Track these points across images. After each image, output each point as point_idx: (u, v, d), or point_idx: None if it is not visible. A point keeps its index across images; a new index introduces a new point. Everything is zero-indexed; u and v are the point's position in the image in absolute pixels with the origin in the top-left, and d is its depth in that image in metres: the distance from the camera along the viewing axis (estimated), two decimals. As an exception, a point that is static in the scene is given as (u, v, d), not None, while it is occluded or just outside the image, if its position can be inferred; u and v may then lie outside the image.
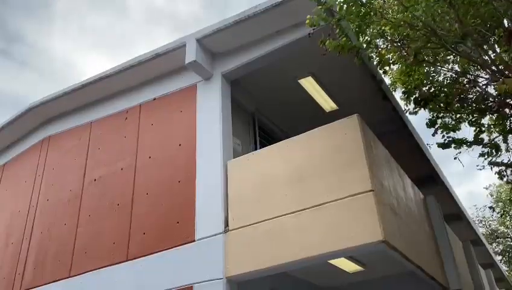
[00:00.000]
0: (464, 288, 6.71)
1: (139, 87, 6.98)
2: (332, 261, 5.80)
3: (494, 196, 20.92)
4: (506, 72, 5.20)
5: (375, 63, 6.08)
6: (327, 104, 7.36)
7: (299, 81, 6.79)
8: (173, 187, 5.82)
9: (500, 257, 20.13)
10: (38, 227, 7.14)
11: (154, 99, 6.72)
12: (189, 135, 6.00)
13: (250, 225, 5.02)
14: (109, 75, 6.93)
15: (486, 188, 25.21)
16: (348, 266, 6.18)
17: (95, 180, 6.78)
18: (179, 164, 5.92)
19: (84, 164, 7.10)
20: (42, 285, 6.47)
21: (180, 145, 6.04)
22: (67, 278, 6.21)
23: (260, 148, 6.69)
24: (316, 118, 6.14)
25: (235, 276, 4.88)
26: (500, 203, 19.70)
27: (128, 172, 6.39)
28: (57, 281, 6.32)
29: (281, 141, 5.48)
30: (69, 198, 6.96)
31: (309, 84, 6.90)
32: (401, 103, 7.54)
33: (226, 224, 5.18)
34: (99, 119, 7.35)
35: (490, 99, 6.27)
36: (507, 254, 20.46)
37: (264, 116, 7.56)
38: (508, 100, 6.01)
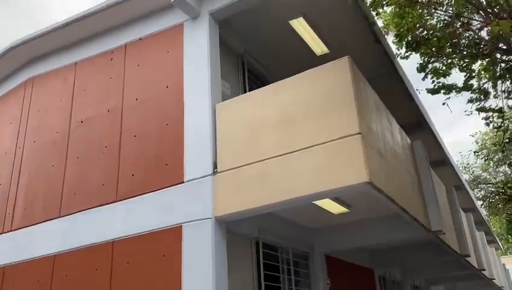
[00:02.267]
0: (445, 229, 6.94)
1: (124, 26, 6.74)
2: (319, 203, 5.92)
3: (480, 143, 21.30)
4: (502, 14, 5.10)
5: (368, 4, 5.92)
6: (318, 47, 7.21)
7: (290, 22, 6.60)
8: (161, 130, 5.78)
9: (481, 202, 20.78)
10: (26, 168, 7.13)
11: (140, 39, 6.51)
12: (176, 76, 5.88)
13: (238, 167, 5.06)
14: (93, 13, 6.67)
15: (473, 136, 25.60)
16: (333, 207, 6.32)
17: (81, 122, 6.70)
18: (167, 106, 5.85)
19: (69, 105, 6.98)
20: (33, 225, 6.56)
21: (167, 87, 5.94)
22: (58, 218, 6.30)
23: (249, 92, 6.60)
24: (307, 61, 6.02)
25: (224, 216, 4.98)
26: (484, 151, 20.08)
27: (115, 114, 6.31)
28: (47, 221, 6.40)
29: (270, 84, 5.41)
30: (55, 140, 6.90)
31: (300, 26, 6.72)
32: (393, 47, 7.44)
33: (215, 166, 5.22)
34: (83, 60, 7.15)
35: (482, 43, 6.20)
36: (488, 199, 21.11)
37: (253, 59, 7.41)
38: (500, 45, 5.95)
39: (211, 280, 4.67)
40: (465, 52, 6.45)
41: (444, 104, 6.79)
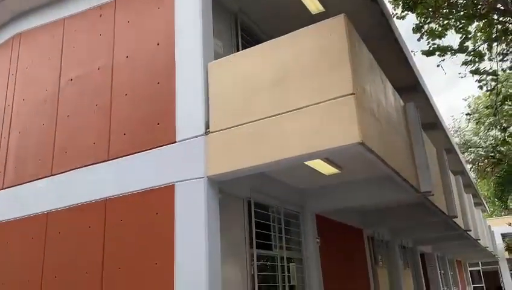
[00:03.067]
0: (434, 191, 7.06)
1: (114, -20, 6.51)
2: (310, 164, 5.96)
3: (472, 107, 21.40)
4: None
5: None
6: (314, 5, 7.04)
7: (285, -22, 6.41)
8: (152, 88, 5.70)
9: (470, 166, 21.11)
10: (16, 126, 7.05)
11: (130, -6, 6.31)
12: (167, 33, 5.74)
13: (231, 127, 5.04)
14: (80, -34, 6.42)
15: (465, 100, 25.69)
16: (325, 168, 6.37)
17: (71, 80, 6.58)
18: (158, 65, 5.74)
19: (59, 63, 6.83)
20: (24, 183, 6.56)
21: (158, 44, 5.81)
22: (50, 176, 6.29)
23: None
24: (302, 21, 5.89)
25: (216, 175, 5.00)
26: (476, 115, 20.20)
27: (106, 72, 6.19)
28: (39, 179, 6.40)
29: (264, 43, 5.30)
30: (45, 98, 6.80)
31: (295, -17, 6.54)
32: (389, 7, 7.29)
33: (207, 126, 5.18)
34: (72, 16, 6.94)
35: (480, 3, 6.09)
36: (477, 162, 21.44)
37: (247, 18, 7.24)
38: (497, 5, 5.85)
39: (204, 238, 4.73)
40: (462, 13, 6.34)
41: (438, 66, 6.74)
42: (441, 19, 6.65)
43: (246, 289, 5.67)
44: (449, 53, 6.67)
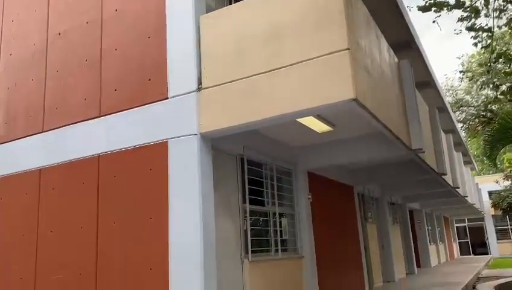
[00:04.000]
0: (425, 148, 7.13)
1: None
2: (303, 121, 5.96)
3: (465, 66, 21.32)
4: None
5: None
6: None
7: None
8: (143, 43, 5.57)
9: (461, 124, 21.28)
10: (4, 82, 6.92)
11: None
12: (158, -15, 5.55)
13: (223, 83, 4.98)
14: None
15: (459, 58, 25.55)
16: (317, 126, 6.38)
17: (59, 34, 6.41)
18: (148, 18, 5.59)
19: (45, 16, 6.63)
20: (16, 139, 6.52)
21: (148, -3, 5.63)
22: (41, 133, 6.25)
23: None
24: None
25: (209, 132, 4.99)
26: (469, 74, 20.15)
27: (94, 26, 6.03)
28: (30, 135, 6.36)
29: (257, -5, 5.15)
30: (33, 52, 6.64)
31: None
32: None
33: (199, 82, 5.13)
34: (58, -34, 6.67)
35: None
36: (468, 121, 21.61)
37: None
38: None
39: (197, 194, 4.79)
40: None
41: (434, 22, 6.63)
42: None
43: (239, 243, 5.80)
44: (445, 9, 6.54)
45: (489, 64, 8.90)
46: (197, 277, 4.57)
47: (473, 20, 6.45)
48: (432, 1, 6.63)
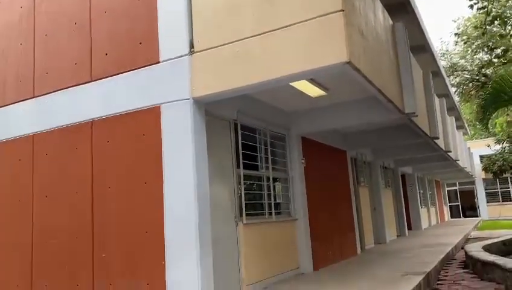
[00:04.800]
0: (418, 112, 7.15)
1: None
2: (297, 85, 5.93)
3: (461, 29, 21.10)
4: None
5: None
6: None
7: None
8: (133, 4, 5.46)
9: (455, 89, 21.27)
10: (-8, 47, 6.78)
11: None
12: None
13: (216, 46, 4.92)
14: None
15: (455, 21, 25.28)
16: (311, 90, 6.36)
17: (46, -4, 6.24)
18: (138, -21, 5.44)
19: (31, -23, 6.43)
20: (7, 105, 6.45)
21: (138, -43, 5.46)
22: (32, 98, 6.19)
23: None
24: None
25: (202, 97, 4.96)
26: (464, 37, 19.97)
27: (83, -12, 5.87)
28: (21, 101, 6.29)
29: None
30: (20, 15, 6.48)
31: None
32: None
33: (191, 46, 5.05)
34: None
35: None
36: (462, 86, 21.59)
37: None
38: None
39: (191, 159, 4.81)
40: None
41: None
42: None
43: (233, 207, 5.88)
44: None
45: (484, 26, 8.79)
46: (192, 240, 4.66)
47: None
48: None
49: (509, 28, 13.98)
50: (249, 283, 5.82)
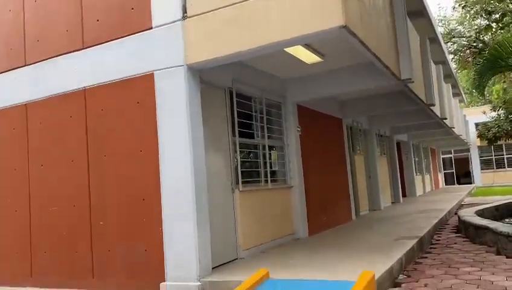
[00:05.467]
0: (414, 79, 7.11)
1: None
2: (292, 51, 5.86)
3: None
4: None
5: None
6: None
7: None
8: (124, -31, 5.31)
9: (452, 56, 21.10)
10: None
11: None
12: None
13: (209, 11, 4.83)
14: None
15: (453, -13, 24.78)
16: (307, 56, 6.29)
17: (34, -40, 6.05)
18: None
19: None
20: (-2, 74, 6.38)
21: None
22: (24, 66, 6.10)
23: None
24: None
25: (196, 63, 4.91)
26: (463, 2, 19.66)
27: (72, -49, 5.69)
28: (13, 69, 6.20)
29: None
30: (8, -19, 6.30)
31: None
32: None
33: (184, 11, 4.96)
34: None
35: None
36: (459, 52, 21.42)
37: None
38: None
39: (187, 127, 4.80)
40: None
41: None
42: None
43: (229, 175, 5.91)
44: None
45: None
46: (189, 206, 4.70)
47: None
48: None
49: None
50: (245, 248, 5.92)
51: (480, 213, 8.25)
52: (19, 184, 6.02)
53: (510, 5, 14.52)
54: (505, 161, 29.05)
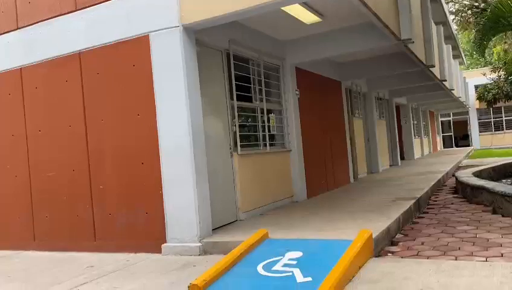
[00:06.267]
0: (414, 39, 6.99)
1: None
2: (290, 11, 5.74)
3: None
4: None
5: None
6: None
7: None
8: None
9: (453, 16, 20.71)
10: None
11: None
12: None
13: (204, -30, 4.68)
14: None
15: None
16: (305, 16, 6.17)
17: None
18: None
19: None
20: (-10, 38, 6.24)
21: None
22: (16, 30, 5.97)
23: None
24: None
25: (192, 24, 4.81)
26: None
27: None
28: (5, 33, 6.07)
29: None
30: None
31: None
32: None
33: (179, -31, 4.80)
34: None
35: None
36: (460, 13, 21.01)
37: None
38: None
39: (183, 89, 4.75)
40: None
41: None
42: None
43: (228, 138, 5.90)
44: None
45: None
46: (188, 170, 4.72)
47: None
48: None
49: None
50: (244, 210, 5.99)
51: (478, 174, 8.31)
52: (17, 150, 6.02)
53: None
54: (504, 123, 29.06)
